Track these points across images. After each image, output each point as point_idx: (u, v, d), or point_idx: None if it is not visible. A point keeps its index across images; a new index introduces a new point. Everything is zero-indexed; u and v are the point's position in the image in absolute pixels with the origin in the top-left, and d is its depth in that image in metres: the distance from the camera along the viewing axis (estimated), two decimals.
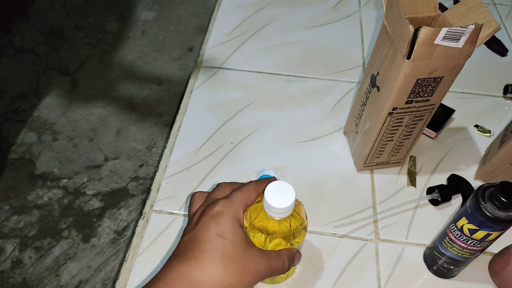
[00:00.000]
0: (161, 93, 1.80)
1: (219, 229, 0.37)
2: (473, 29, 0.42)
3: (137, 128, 1.67)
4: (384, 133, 0.56)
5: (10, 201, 1.45)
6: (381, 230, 0.59)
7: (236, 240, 0.37)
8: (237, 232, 0.37)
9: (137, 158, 1.58)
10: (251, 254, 0.37)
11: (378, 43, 0.53)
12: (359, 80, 0.79)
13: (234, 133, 0.70)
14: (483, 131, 0.71)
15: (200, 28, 2.07)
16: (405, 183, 0.64)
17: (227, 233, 0.37)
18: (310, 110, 0.74)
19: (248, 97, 0.76)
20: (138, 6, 2.17)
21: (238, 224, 0.38)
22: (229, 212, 0.38)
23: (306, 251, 0.56)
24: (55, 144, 1.61)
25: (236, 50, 0.84)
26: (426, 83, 0.48)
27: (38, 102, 1.75)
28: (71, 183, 1.49)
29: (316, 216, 0.59)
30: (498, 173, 0.60)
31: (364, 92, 0.59)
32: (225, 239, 0.36)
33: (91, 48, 1.97)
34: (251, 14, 0.92)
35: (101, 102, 1.75)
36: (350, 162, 0.66)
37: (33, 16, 2.10)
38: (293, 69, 0.81)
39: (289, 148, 0.68)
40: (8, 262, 1.30)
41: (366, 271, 0.55)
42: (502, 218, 0.41)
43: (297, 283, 0.53)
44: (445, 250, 0.50)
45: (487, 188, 0.43)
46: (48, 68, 1.88)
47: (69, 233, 1.37)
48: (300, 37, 0.88)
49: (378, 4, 0.95)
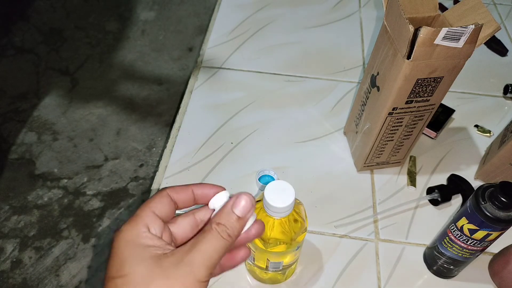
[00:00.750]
0: (161, 93, 1.80)
1: (113, 265, 0.28)
2: (473, 29, 0.42)
3: (137, 128, 1.67)
4: (384, 133, 0.56)
5: (10, 201, 1.44)
6: (381, 230, 0.58)
7: (135, 271, 0.27)
8: (135, 257, 0.28)
9: (137, 158, 1.58)
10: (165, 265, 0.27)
11: (378, 43, 0.53)
12: (359, 80, 0.79)
13: (234, 133, 0.70)
14: (483, 131, 0.71)
15: (200, 28, 2.07)
16: (405, 183, 0.64)
17: (124, 265, 0.28)
18: (310, 110, 0.74)
19: (248, 97, 0.76)
20: (138, 6, 2.17)
21: (136, 244, 0.28)
22: (124, 236, 0.29)
23: (306, 251, 0.56)
24: (55, 144, 1.61)
25: (236, 50, 0.84)
26: (426, 83, 0.48)
27: (38, 102, 1.74)
28: (71, 183, 1.49)
29: (316, 216, 0.59)
30: (498, 173, 0.60)
31: (364, 92, 0.59)
32: (122, 277, 0.27)
33: (91, 48, 1.97)
34: (251, 14, 0.92)
35: (101, 102, 1.75)
36: (350, 162, 0.66)
37: (33, 16, 2.10)
38: (293, 69, 0.81)
39: (289, 148, 0.68)
40: (8, 262, 1.30)
41: (366, 271, 0.55)
42: (502, 218, 0.41)
43: (297, 283, 0.53)
44: (445, 250, 0.50)
45: (487, 188, 0.43)
46: (48, 68, 1.88)
47: (69, 233, 1.37)
48: (300, 37, 0.88)
49: (378, 4, 0.95)
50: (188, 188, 0.33)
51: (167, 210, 0.31)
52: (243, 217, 0.30)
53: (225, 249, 0.29)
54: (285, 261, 0.48)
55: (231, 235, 0.29)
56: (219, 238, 0.28)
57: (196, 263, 0.27)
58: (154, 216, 0.30)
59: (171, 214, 0.32)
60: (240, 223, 0.30)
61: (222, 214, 0.30)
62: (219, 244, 0.28)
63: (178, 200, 0.32)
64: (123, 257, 0.28)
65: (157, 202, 0.31)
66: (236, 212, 0.29)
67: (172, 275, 0.27)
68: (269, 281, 0.53)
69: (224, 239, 0.28)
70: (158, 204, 0.31)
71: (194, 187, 0.33)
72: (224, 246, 0.28)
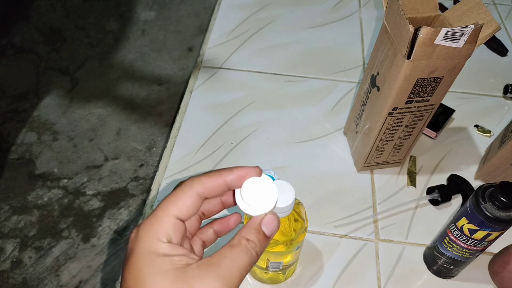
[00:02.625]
0: (161, 93, 1.80)
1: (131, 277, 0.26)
2: (473, 29, 0.42)
3: (137, 128, 1.67)
4: (384, 133, 0.56)
5: (10, 201, 1.44)
6: (381, 230, 0.58)
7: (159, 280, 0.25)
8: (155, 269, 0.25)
9: (137, 158, 1.58)
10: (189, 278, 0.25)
11: (378, 43, 0.53)
12: (359, 80, 0.79)
13: (234, 133, 0.70)
14: (483, 131, 0.71)
15: (200, 28, 2.07)
16: (405, 183, 0.64)
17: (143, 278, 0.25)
18: (310, 110, 0.74)
19: (248, 97, 0.76)
20: (138, 6, 2.17)
21: (156, 254, 0.26)
22: (142, 244, 0.26)
23: (306, 251, 0.56)
24: (55, 144, 1.61)
25: (236, 50, 0.84)
26: (426, 83, 0.48)
27: (38, 102, 1.74)
28: (71, 183, 1.49)
29: (316, 216, 0.59)
30: (498, 173, 0.60)
31: (364, 92, 0.59)
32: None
33: (91, 48, 1.97)
34: (251, 14, 0.92)
35: (101, 102, 1.75)
36: (350, 162, 0.66)
37: (33, 16, 2.10)
38: (293, 69, 0.81)
39: (289, 148, 0.68)
40: (8, 262, 1.30)
41: (366, 271, 0.55)
42: (502, 218, 0.41)
43: (297, 283, 0.53)
44: (445, 250, 0.50)
45: (487, 188, 0.43)
46: (48, 68, 1.88)
47: (69, 233, 1.37)
48: (300, 37, 0.88)
49: (378, 4, 0.95)
50: (219, 177, 0.29)
51: (192, 211, 0.28)
52: (269, 236, 0.29)
53: (251, 266, 0.27)
54: (285, 261, 0.48)
55: (259, 253, 0.28)
56: (249, 255, 0.27)
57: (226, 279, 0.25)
58: (176, 221, 0.27)
59: (196, 212, 0.29)
60: (267, 242, 0.28)
61: (252, 230, 0.28)
62: (249, 260, 0.27)
63: (208, 195, 0.29)
64: (141, 268, 0.25)
65: (183, 204, 0.28)
66: (265, 231, 0.28)
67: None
68: (269, 281, 0.53)
69: (253, 256, 0.27)
70: (183, 205, 0.28)
71: (224, 175, 0.29)
72: (251, 263, 0.27)
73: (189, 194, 0.28)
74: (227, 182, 0.29)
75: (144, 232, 0.27)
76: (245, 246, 0.27)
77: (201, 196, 0.28)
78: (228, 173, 0.29)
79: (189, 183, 0.28)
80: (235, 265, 0.26)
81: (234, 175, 0.29)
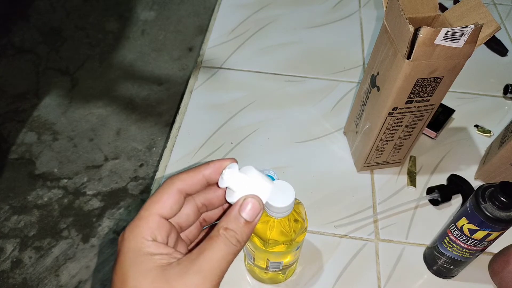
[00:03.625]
0: (161, 93, 1.80)
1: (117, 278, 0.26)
2: (473, 29, 0.42)
3: (137, 128, 1.67)
4: (384, 133, 0.56)
5: (10, 201, 1.44)
6: (381, 230, 0.58)
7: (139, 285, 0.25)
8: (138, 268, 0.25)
9: (137, 158, 1.58)
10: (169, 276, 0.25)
11: (378, 43, 0.53)
12: (359, 80, 0.79)
13: (234, 133, 0.70)
14: (483, 131, 0.71)
15: (200, 28, 2.07)
16: (405, 183, 0.64)
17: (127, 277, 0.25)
18: (310, 110, 0.74)
19: (248, 97, 0.76)
20: (138, 6, 2.17)
21: (140, 253, 0.26)
22: (127, 244, 0.26)
23: (306, 251, 0.56)
24: (55, 144, 1.61)
25: (236, 50, 0.84)
26: (426, 83, 0.48)
27: (38, 102, 1.74)
28: (71, 183, 1.49)
29: (316, 216, 0.59)
30: (498, 173, 0.60)
31: (364, 92, 0.59)
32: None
33: (91, 48, 1.97)
34: (251, 14, 0.92)
35: (101, 102, 1.75)
36: (350, 162, 0.66)
37: (33, 16, 2.10)
38: (293, 69, 0.81)
39: (289, 148, 0.68)
40: (8, 262, 1.30)
41: (366, 271, 0.55)
42: (502, 218, 0.41)
43: (297, 283, 0.53)
44: (445, 250, 0.50)
45: (487, 188, 0.43)
46: (48, 68, 1.88)
47: (69, 233, 1.37)
48: (300, 37, 0.88)
49: (378, 4, 0.95)
50: (197, 173, 0.29)
51: (175, 208, 0.28)
52: (251, 221, 0.28)
53: (234, 255, 0.27)
54: (285, 261, 0.48)
55: (240, 240, 0.27)
56: (228, 244, 0.26)
57: (204, 272, 0.25)
58: (160, 220, 0.27)
59: (180, 208, 0.29)
60: (249, 227, 0.28)
61: (230, 218, 0.27)
62: (228, 250, 0.26)
63: (189, 191, 0.29)
64: (126, 268, 0.26)
65: (165, 202, 0.28)
66: (244, 216, 0.27)
67: (178, 287, 0.24)
68: (269, 281, 0.53)
69: (233, 245, 0.26)
70: (165, 204, 0.28)
71: (203, 170, 0.29)
72: (233, 252, 0.27)
73: (170, 192, 0.28)
74: (206, 176, 0.29)
75: (130, 232, 0.27)
76: (223, 236, 0.26)
77: (182, 192, 0.29)
78: (205, 167, 0.29)
79: (170, 182, 0.28)
80: (215, 257, 0.26)
81: (211, 169, 0.29)
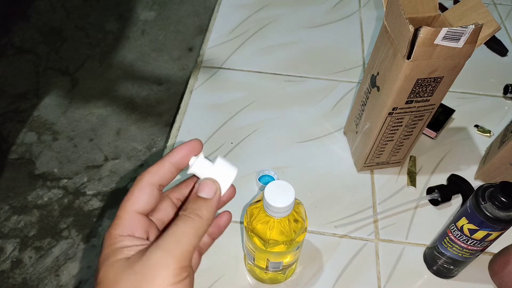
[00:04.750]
0: (161, 93, 1.80)
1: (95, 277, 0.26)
2: (473, 29, 0.42)
3: (137, 128, 1.67)
4: (384, 133, 0.56)
5: (10, 201, 1.44)
6: (381, 230, 0.58)
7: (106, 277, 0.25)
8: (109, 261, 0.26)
9: (137, 158, 1.57)
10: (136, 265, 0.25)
11: (378, 43, 0.53)
12: (359, 80, 0.79)
13: (234, 133, 0.70)
14: (483, 131, 0.71)
15: (200, 28, 2.07)
16: (405, 183, 0.64)
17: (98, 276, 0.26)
18: (310, 110, 0.74)
19: (248, 97, 0.76)
20: (138, 6, 2.17)
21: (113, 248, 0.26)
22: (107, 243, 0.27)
23: (306, 251, 0.56)
24: (55, 144, 1.61)
25: (236, 50, 0.84)
26: (426, 83, 0.48)
27: (38, 102, 1.74)
28: (71, 183, 1.49)
29: (316, 216, 0.59)
30: (498, 173, 0.60)
31: (364, 92, 0.59)
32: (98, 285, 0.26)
33: (91, 48, 1.97)
34: (251, 14, 0.92)
35: (101, 102, 1.75)
36: (350, 162, 0.66)
37: (33, 16, 2.10)
38: (293, 69, 0.81)
39: (289, 148, 0.68)
40: (8, 262, 1.30)
41: (366, 271, 0.55)
42: (502, 218, 0.41)
43: (297, 283, 0.53)
44: (445, 250, 0.50)
45: (487, 188, 0.43)
46: (48, 68, 1.88)
47: (69, 233, 1.37)
48: (300, 37, 0.87)
49: (378, 4, 0.95)
50: (163, 163, 0.29)
51: (151, 202, 0.29)
52: (210, 198, 0.28)
53: (198, 229, 0.27)
54: (285, 261, 0.48)
55: (200, 215, 0.27)
56: (189, 219, 0.27)
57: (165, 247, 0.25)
58: (135, 216, 0.28)
59: (156, 202, 0.29)
60: (210, 204, 0.28)
61: (189, 200, 0.28)
62: (190, 225, 0.26)
63: (160, 181, 0.29)
64: (100, 264, 0.26)
65: (138, 197, 0.28)
66: (203, 195, 0.28)
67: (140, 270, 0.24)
68: (269, 281, 0.53)
69: (193, 219, 0.27)
70: (139, 199, 0.28)
71: (168, 158, 0.30)
72: (196, 226, 0.27)
73: (142, 187, 0.28)
74: (173, 163, 0.29)
75: (108, 232, 0.27)
76: (182, 215, 0.27)
77: (154, 185, 0.29)
78: (170, 155, 0.30)
79: (139, 178, 0.29)
80: (174, 233, 0.26)
81: (177, 155, 0.30)
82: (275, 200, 0.38)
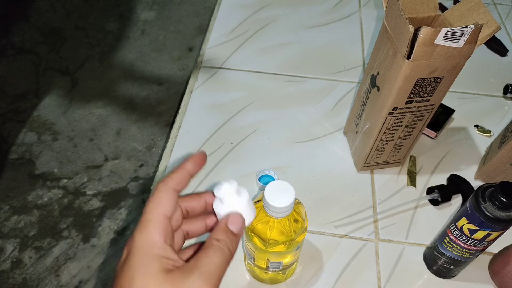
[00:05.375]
0: (161, 93, 1.80)
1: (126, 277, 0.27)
2: (473, 29, 0.42)
3: (137, 128, 1.67)
4: (384, 133, 0.56)
5: (10, 201, 1.44)
6: (381, 230, 0.58)
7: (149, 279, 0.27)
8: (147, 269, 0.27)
9: (137, 158, 1.58)
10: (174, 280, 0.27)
11: (378, 43, 0.53)
12: (359, 80, 0.79)
13: (234, 133, 0.70)
14: (483, 131, 0.71)
15: (200, 28, 2.07)
16: (405, 183, 0.64)
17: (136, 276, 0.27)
18: (310, 110, 0.74)
19: (248, 97, 0.76)
20: (138, 6, 2.17)
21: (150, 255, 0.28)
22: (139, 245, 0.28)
23: (306, 251, 0.56)
24: (55, 144, 1.61)
25: (236, 50, 0.84)
26: (426, 83, 0.48)
27: (38, 102, 1.74)
28: (71, 183, 1.49)
29: (316, 216, 0.59)
30: (498, 173, 0.60)
31: (364, 92, 0.59)
32: None
33: (91, 48, 1.97)
34: (251, 14, 0.92)
35: (101, 102, 1.75)
36: (350, 162, 0.66)
37: (33, 16, 2.10)
38: (293, 69, 0.81)
39: (289, 148, 0.68)
40: (8, 262, 1.30)
41: (366, 271, 0.55)
42: (502, 218, 0.41)
43: (297, 283, 0.53)
44: (445, 250, 0.50)
45: (487, 188, 0.43)
46: (48, 68, 1.88)
47: (69, 233, 1.37)
48: (300, 37, 0.87)
49: (378, 4, 0.95)
50: (183, 170, 0.32)
51: (174, 207, 0.31)
52: (238, 233, 0.31)
53: (227, 262, 0.29)
54: (285, 261, 0.48)
55: (231, 249, 0.30)
56: (223, 251, 0.29)
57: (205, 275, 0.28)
58: (165, 220, 0.30)
59: (177, 207, 0.32)
60: (237, 238, 0.31)
61: (220, 231, 0.31)
62: (223, 256, 0.29)
63: (179, 188, 0.32)
64: (135, 268, 0.27)
65: (167, 203, 0.30)
66: (231, 229, 0.31)
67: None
68: (269, 281, 0.53)
69: (227, 252, 0.30)
70: (168, 204, 0.30)
71: (186, 166, 0.32)
72: (227, 260, 0.29)
73: (168, 192, 0.31)
74: (189, 171, 0.33)
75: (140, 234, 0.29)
76: (217, 245, 0.30)
77: (176, 190, 0.31)
78: (187, 163, 0.33)
79: (164, 183, 0.31)
80: (212, 263, 0.28)
81: (191, 164, 0.33)
82: (275, 200, 0.38)
